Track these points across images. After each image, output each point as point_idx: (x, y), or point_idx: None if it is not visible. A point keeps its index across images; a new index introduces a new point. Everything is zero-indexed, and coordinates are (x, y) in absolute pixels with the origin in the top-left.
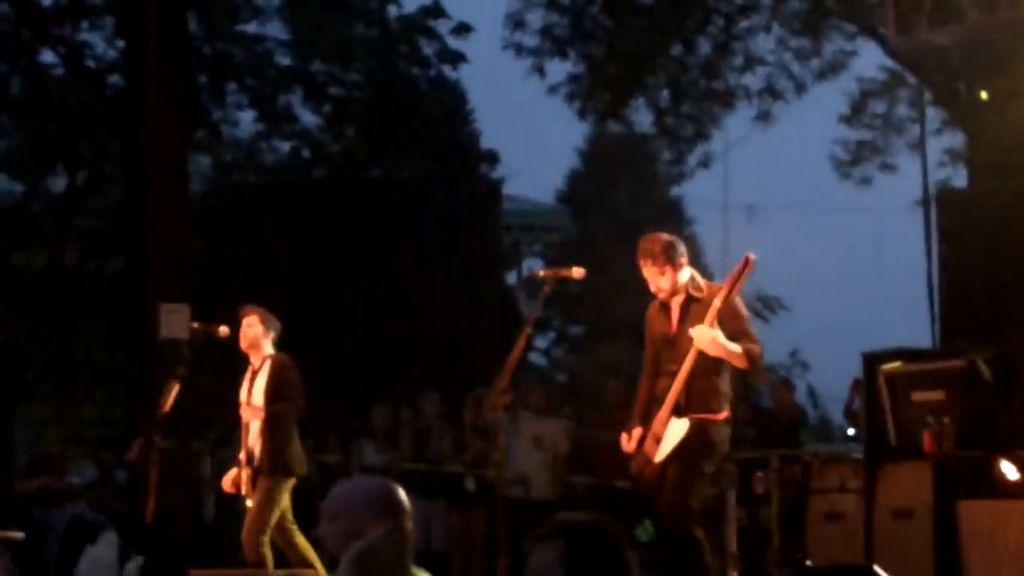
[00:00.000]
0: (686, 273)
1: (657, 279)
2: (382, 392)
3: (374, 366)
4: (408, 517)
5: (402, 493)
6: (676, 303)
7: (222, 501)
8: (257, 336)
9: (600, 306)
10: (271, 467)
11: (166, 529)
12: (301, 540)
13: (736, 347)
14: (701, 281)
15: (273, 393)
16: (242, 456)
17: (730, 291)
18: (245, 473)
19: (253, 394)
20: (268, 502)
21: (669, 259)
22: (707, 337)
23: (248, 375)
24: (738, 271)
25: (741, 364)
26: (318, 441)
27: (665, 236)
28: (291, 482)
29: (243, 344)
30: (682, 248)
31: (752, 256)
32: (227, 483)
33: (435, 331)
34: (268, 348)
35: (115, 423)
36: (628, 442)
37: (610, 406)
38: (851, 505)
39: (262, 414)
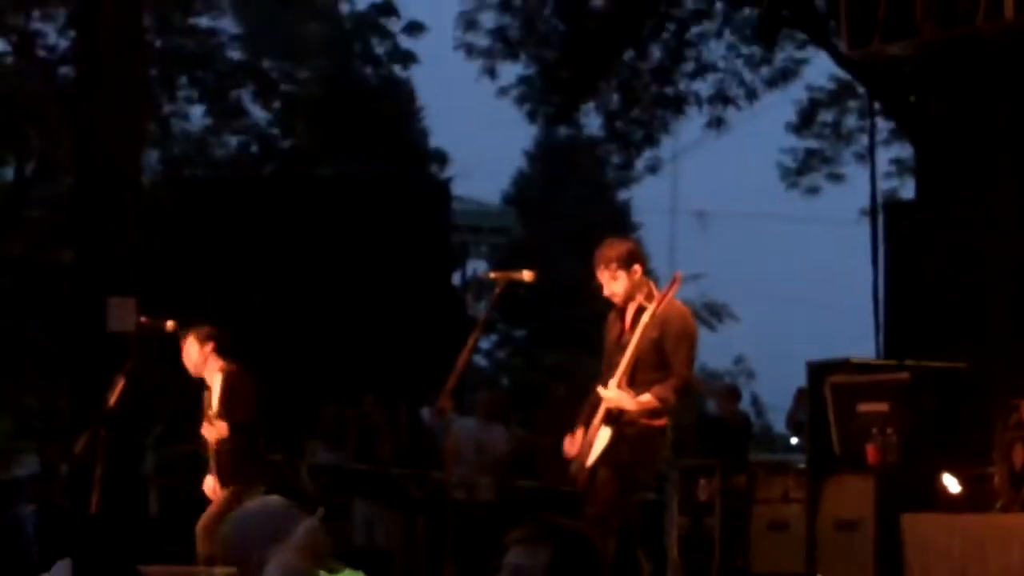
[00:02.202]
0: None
1: (610, 284)
2: (329, 392)
3: (321, 365)
4: (307, 521)
5: (287, 503)
6: (631, 310)
7: (167, 496)
8: (199, 358)
9: (546, 310)
10: (234, 478)
11: (111, 523)
12: None
13: (647, 400)
14: (656, 292)
15: (225, 406)
16: (213, 466)
17: (657, 308)
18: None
19: (213, 407)
20: (231, 506)
21: (623, 264)
22: (615, 398)
23: (207, 391)
24: (668, 289)
25: (655, 410)
26: (266, 441)
27: (623, 242)
28: (259, 492)
29: (191, 371)
30: (640, 254)
31: (680, 274)
32: (207, 488)
33: (382, 331)
34: (214, 361)
35: (60, 416)
36: (570, 445)
37: (554, 411)
38: (794, 515)
39: (215, 433)
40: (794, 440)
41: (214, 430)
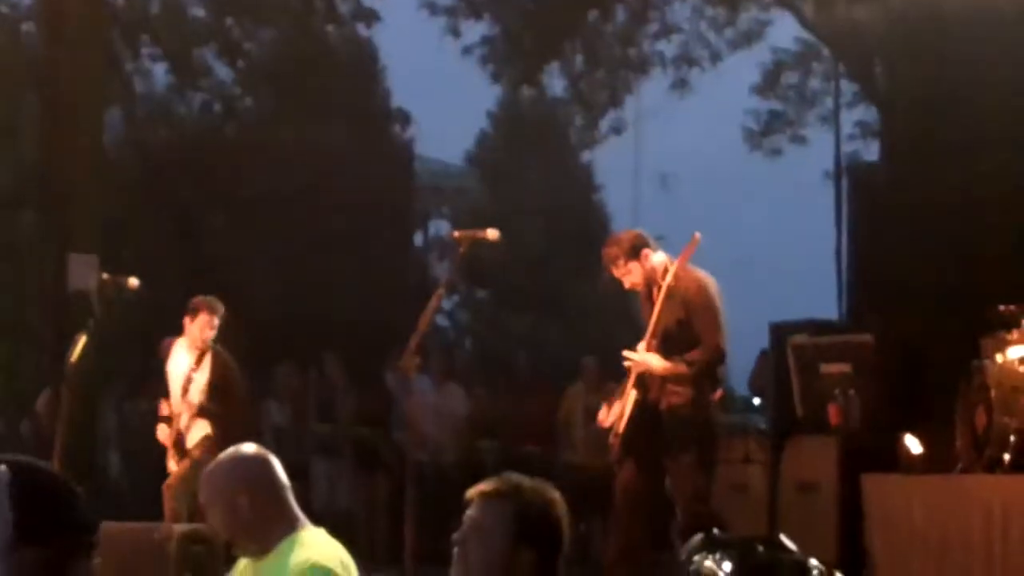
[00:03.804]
0: (659, 257)
1: (627, 278)
2: (288, 352)
3: (280, 326)
4: (285, 484)
5: (260, 450)
6: (657, 292)
7: (127, 456)
8: (203, 333)
9: (508, 272)
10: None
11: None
12: None
13: (675, 363)
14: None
15: (215, 392)
16: (167, 412)
17: (675, 272)
18: (172, 438)
19: (193, 382)
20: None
21: (629, 256)
22: (641, 359)
23: (184, 359)
24: (686, 252)
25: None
26: None
27: (622, 235)
28: None
29: (191, 341)
30: (643, 239)
31: (698, 235)
32: (162, 436)
33: (342, 292)
34: (211, 341)
35: (21, 376)
36: (604, 416)
37: (519, 375)
38: (756, 477)
39: (194, 412)
40: (756, 401)
41: (185, 406)
